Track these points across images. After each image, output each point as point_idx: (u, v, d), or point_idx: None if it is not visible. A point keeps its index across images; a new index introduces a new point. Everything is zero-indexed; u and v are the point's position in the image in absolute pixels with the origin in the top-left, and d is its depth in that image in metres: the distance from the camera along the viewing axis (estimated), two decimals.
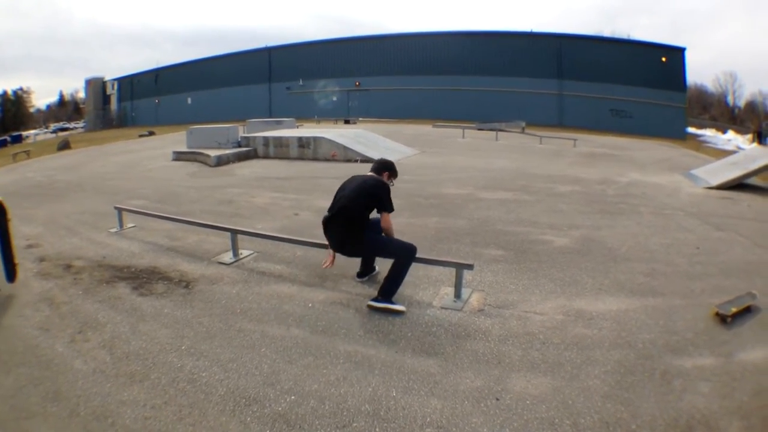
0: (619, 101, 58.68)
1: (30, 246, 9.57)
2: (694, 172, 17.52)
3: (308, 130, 28.55)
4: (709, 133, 70.92)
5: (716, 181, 14.94)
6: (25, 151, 39.03)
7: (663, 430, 3.79)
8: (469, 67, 65.34)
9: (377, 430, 3.89)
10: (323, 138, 21.87)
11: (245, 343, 5.38)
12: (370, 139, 24.15)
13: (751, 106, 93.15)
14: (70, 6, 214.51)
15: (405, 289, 6.66)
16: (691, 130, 63.27)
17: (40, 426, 4.11)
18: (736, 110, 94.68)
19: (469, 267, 6.30)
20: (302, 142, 22.15)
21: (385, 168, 6.73)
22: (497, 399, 4.21)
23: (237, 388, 4.50)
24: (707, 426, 3.83)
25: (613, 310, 5.96)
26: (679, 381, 4.43)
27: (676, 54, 58.28)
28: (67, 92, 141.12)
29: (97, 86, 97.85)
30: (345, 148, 21.23)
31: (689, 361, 4.78)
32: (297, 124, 38.09)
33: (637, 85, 57.47)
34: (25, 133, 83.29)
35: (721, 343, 5.14)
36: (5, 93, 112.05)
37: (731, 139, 62.84)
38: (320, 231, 8.20)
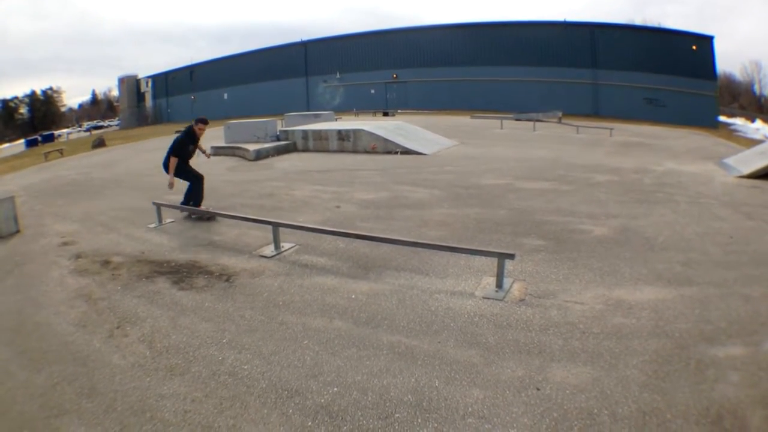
0: (652, 90, 57.83)
1: (65, 243, 9.74)
2: (726, 161, 17.24)
3: (347, 123, 28.43)
4: (739, 122, 69.37)
5: (747, 170, 14.71)
6: (58, 150, 39.34)
7: (695, 420, 3.78)
8: (505, 57, 64.70)
9: (419, 420, 3.91)
10: (363, 130, 21.79)
11: (287, 335, 5.43)
12: (409, 131, 23.99)
13: None
14: (99, 6, 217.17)
15: (447, 279, 6.73)
16: (721, 118, 62.06)
17: (72, 423, 4.17)
18: (762, 99, 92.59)
19: (511, 257, 6.28)
20: (342, 135, 22.11)
21: None
22: (538, 389, 4.22)
23: (279, 381, 4.54)
24: (734, 415, 3.81)
25: (651, 300, 5.92)
26: (711, 371, 4.40)
27: (705, 42, 57.21)
28: (100, 91, 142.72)
29: (130, 84, 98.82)
30: (385, 140, 21.14)
31: (722, 350, 4.75)
32: (335, 117, 37.90)
33: (668, 74, 56.50)
34: (57, 132, 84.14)
35: (751, 332, 5.10)
36: (33, 93, 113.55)
37: (759, 128, 61.45)
38: (363, 223, 8.15)
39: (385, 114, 54.86)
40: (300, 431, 3.91)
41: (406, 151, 20.37)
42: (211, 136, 32.31)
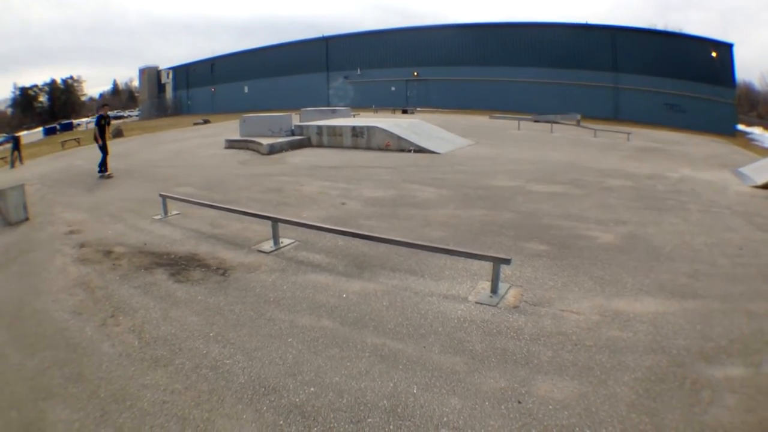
0: (671, 95, 57.40)
1: (72, 232, 9.84)
2: (742, 169, 16.98)
3: (363, 120, 28.37)
4: (757, 131, 68.90)
5: (761, 180, 14.46)
6: (75, 139, 39.95)
7: None
8: (525, 58, 64.62)
9: (391, 427, 3.84)
10: (377, 127, 21.72)
11: (273, 332, 5.40)
12: (424, 130, 23.86)
13: None
14: None
15: (442, 282, 6.63)
16: (740, 127, 61.58)
17: (57, 406, 4.25)
18: None
19: (506, 262, 6.13)
20: (356, 132, 22.04)
21: None
22: (519, 402, 4.10)
23: (258, 377, 4.53)
24: None
25: (651, 312, 5.74)
26: (707, 392, 4.22)
27: (725, 50, 56.74)
28: (121, 81, 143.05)
29: (151, 75, 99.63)
30: (399, 138, 21.04)
31: (720, 370, 4.55)
32: (353, 113, 37.80)
33: (687, 80, 56.12)
34: (76, 121, 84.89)
35: (753, 352, 4.89)
36: (53, 81, 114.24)
37: None
38: (366, 221, 7.88)
39: (404, 111, 54.88)
40: (271, 429, 3.89)
41: (420, 150, 20.27)
42: (229, 129, 32.60)
